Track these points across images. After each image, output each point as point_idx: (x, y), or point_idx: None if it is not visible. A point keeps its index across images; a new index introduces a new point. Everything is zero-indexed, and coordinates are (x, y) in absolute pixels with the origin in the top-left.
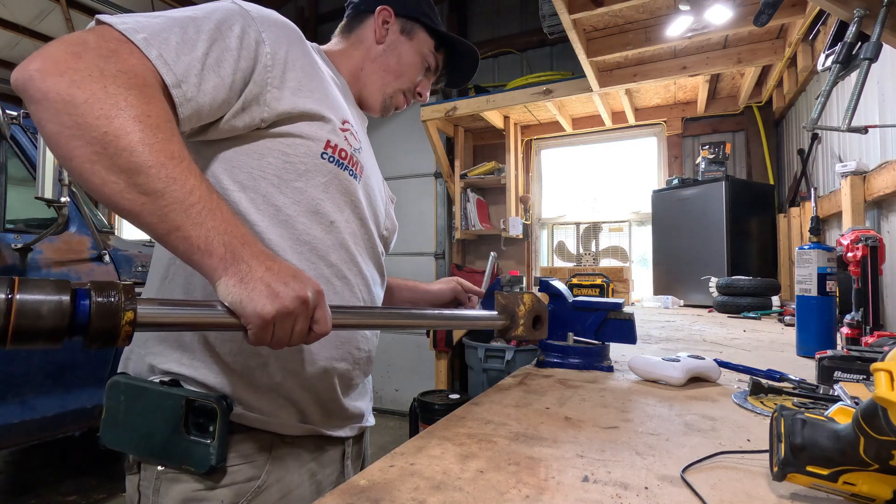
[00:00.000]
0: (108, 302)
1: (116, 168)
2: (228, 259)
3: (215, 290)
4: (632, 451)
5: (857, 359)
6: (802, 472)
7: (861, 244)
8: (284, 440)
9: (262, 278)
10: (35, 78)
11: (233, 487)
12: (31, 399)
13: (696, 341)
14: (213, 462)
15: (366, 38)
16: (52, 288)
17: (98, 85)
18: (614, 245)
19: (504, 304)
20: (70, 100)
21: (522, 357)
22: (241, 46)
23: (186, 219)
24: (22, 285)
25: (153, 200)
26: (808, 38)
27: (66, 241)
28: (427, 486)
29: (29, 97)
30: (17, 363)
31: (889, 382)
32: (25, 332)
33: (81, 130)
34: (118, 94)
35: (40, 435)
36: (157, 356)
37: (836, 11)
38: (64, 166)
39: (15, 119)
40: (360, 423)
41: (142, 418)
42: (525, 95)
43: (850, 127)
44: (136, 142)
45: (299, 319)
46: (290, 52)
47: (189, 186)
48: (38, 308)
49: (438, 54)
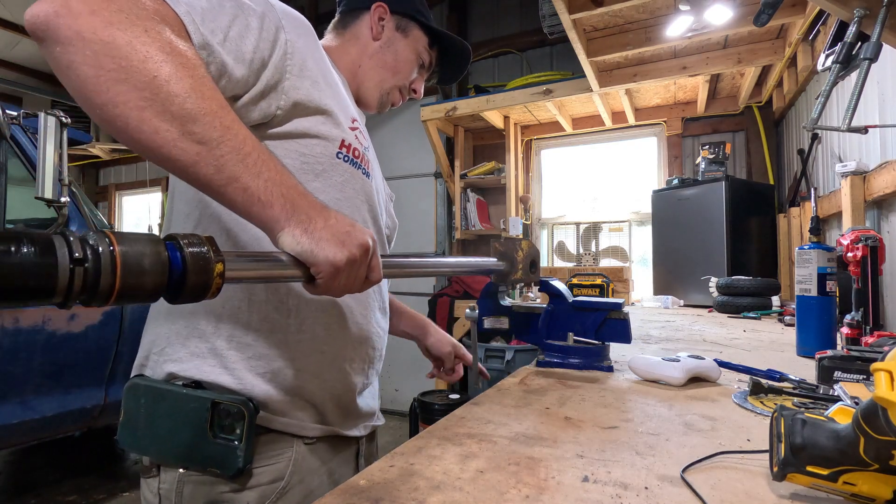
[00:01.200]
0: (200, 252)
1: (169, 115)
2: (289, 210)
3: (276, 240)
4: (632, 451)
5: (857, 359)
6: (802, 472)
7: (861, 244)
8: (305, 441)
9: (326, 227)
10: (63, 14)
11: (258, 489)
12: (31, 399)
13: (696, 341)
14: (241, 464)
15: (361, 34)
16: (147, 240)
17: (138, 27)
18: (614, 245)
19: (502, 250)
20: (111, 41)
21: (522, 357)
22: (261, 27)
23: (244, 169)
24: (119, 238)
25: (209, 150)
26: (808, 38)
27: None
28: (427, 486)
29: (54, 37)
30: (17, 363)
31: (889, 382)
32: (129, 290)
33: (127, 74)
34: (161, 39)
35: (40, 435)
36: (176, 363)
37: (836, 11)
38: (100, 112)
39: (15, 119)
40: (371, 423)
41: (164, 421)
42: (525, 95)
43: (850, 127)
44: (188, 88)
45: (362, 267)
46: (308, 45)
47: (242, 135)
48: (140, 262)
49: (432, 51)
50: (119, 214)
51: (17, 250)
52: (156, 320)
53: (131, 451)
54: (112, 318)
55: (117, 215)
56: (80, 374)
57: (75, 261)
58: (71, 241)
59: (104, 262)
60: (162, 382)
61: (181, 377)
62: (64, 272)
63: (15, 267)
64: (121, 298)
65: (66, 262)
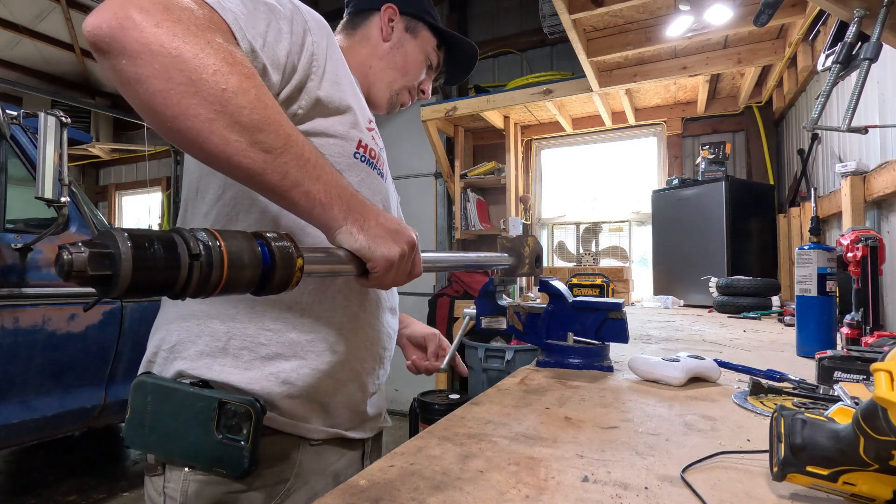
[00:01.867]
0: (285, 248)
1: (238, 126)
2: (345, 209)
3: (333, 238)
4: (632, 451)
5: (857, 359)
6: (802, 472)
7: (861, 244)
8: (311, 443)
9: (378, 225)
10: (128, 27)
11: (264, 490)
12: (31, 399)
13: (696, 341)
14: (247, 465)
15: (371, 35)
16: (243, 237)
17: (201, 39)
18: (614, 245)
19: (510, 246)
20: (178, 54)
21: (522, 357)
22: (291, 31)
23: (306, 174)
24: (223, 235)
25: (274, 158)
26: (809, 38)
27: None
28: (427, 486)
29: (120, 49)
30: (17, 363)
31: (889, 382)
32: (231, 283)
33: (196, 87)
34: (223, 50)
35: (40, 435)
36: (186, 361)
37: (836, 11)
38: (169, 125)
39: (15, 119)
40: (378, 424)
41: (171, 419)
42: (525, 95)
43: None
44: (253, 98)
45: (409, 261)
46: (329, 46)
47: (301, 141)
48: (241, 257)
49: (440, 52)
50: (119, 214)
51: (152, 248)
52: (167, 319)
53: (137, 448)
54: (112, 317)
55: (117, 215)
56: (80, 374)
57: (192, 256)
58: (188, 239)
59: (215, 257)
60: (169, 381)
61: (189, 375)
62: (185, 267)
63: (151, 263)
64: (222, 291)
65: (186, 258)
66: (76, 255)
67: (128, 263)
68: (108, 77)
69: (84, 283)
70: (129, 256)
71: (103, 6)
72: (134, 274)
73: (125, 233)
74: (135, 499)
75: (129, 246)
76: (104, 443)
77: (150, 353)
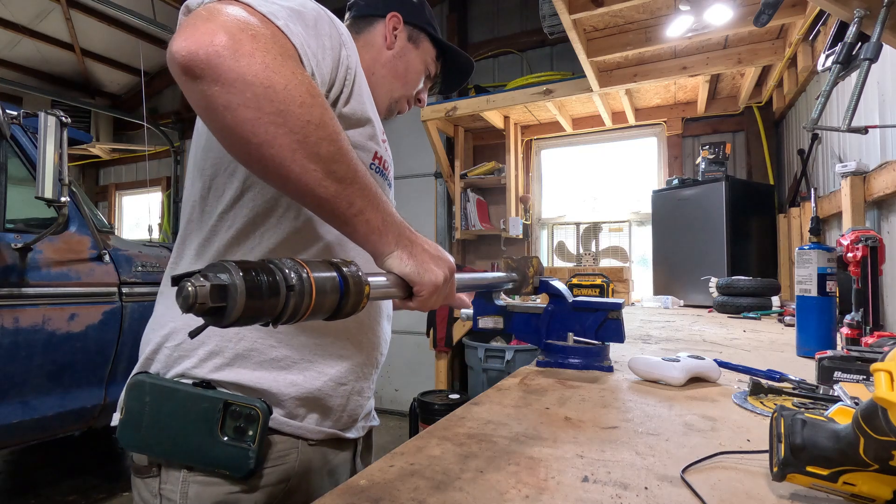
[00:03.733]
0: (355, 274)
1: (316, 157)
2: (397, 236)
3: (383, 263)
4: (632, 451)
5: (856, 359)
6: (802, 473)
7: (861, 244)
8: (309, 443)
9: (424, 252)
10: (225, 56)
11: (266, 490)
12: (31, 399)
13: (696, 341)
14: (252, 466)
15: (375, 42)
16: (323, 265)
17: (287, 69)
18: (614, 245)
19: (515, 266)
20: (270, 84)
21: (522, 357)
22: (331, 47)
23: (368, 203)
24: (309, 265)
25: (344, 188)
26: (809, 39)
27: (66, 241)
28: (427, 486)
29: (214, 76)
30: (17, 363)
31: (889, 383)
32: (315, 311)
33: (284, 118)
34: (306, 82)
35: (40, 435)
36: (191, 359)
37: (836, 12)
38: (253, 152)
39: (15, 119)
40: (368, 423)
41: (172, 420)
42: (525, 95)
43: (850, 127)
44: (331, 131)
45: (448, 286)
46: (356, 57)
47: (363, 171)
48: (325, 286)
49: (438, 63)
50: (119, 214)
51: (258, 280)
52: (171, 316)
53: (132, 450)
54: (112, 317)
55: (117, 215)
56: (80, 374)
57: (289, 287)
58: (282, 269)
59: (305, 286)
60: (169, 381)
61: (192, 376)
62: (283, 297)
63: (258, 294)
64: (307, 318)
65: (284, 289)
66: (199, 287)
67: (242, 297)
68: (191, 99)
69: (202, 314)
70: (243, 290)
71: (190, 30)
72: (245, 305)
73: (237, 266)
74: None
75: (242, 278)
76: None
77: (149, 350)
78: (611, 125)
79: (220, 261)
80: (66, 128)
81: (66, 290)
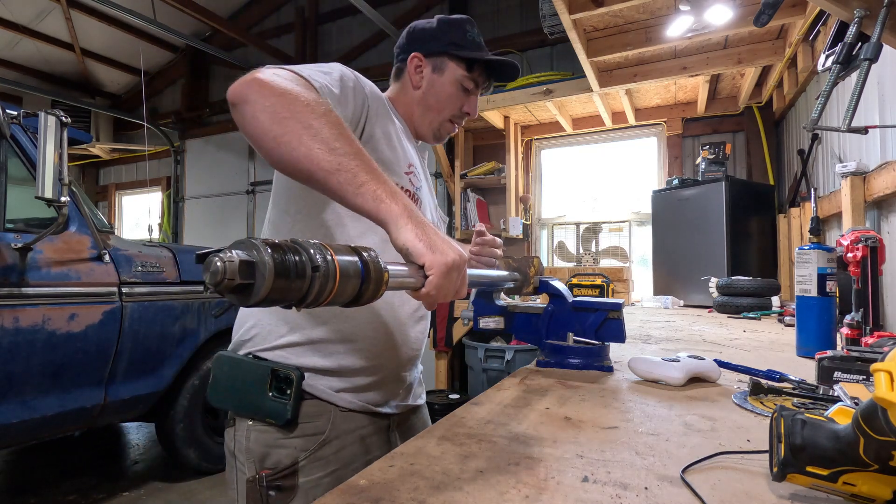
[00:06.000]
0: (375, 260)
1: (319, 138)
2: (409, 213)
3: (398, 235)
4: (632, 451)
5: (856, 359)
6: (802, 473)
7: (861, 245)
8: (341, 409)
9: (435, 234)
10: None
11: (303, 438)
12: (31, 399)
13: (696, 341)
14: (289, 416)
15: (408, 84)
16: (346, 249)
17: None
18: (614, 245)
19: (516, 266)
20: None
21: (522, 357)
22: (353, 96)
23: (372, 177)
24: (333, 249)
25: (348, 160)
26: (809, 39)
27: (66, 241)
28: (427, 486)
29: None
30: (17, 363)
31: (889, 383)
32: (337, 295)
33: (292, 113)
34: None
35: (40, 435)
36: (254, 343)
37: (836, 12)
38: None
39: (15, 119)
40: (406, 403)
41: (239, 383)
42: (525, 95)
43: (850, 127)
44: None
45: (460, 272)
46: (377, 109)
47: (368, 157)
48: (348, 270)
49: (475, 73)
50: (119, 214)
51: (285, 259)
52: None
53: (217, 406)
54: (112, 317)
55: (117, 215)
56: (80, 374)
57: (314, 268)
58: (308, 250)
59: (330, 269)
60: (238, 355)
61: (254, 353)
62: (308, 278)
63: (285, 274)
64: (329, 302)
65: (309, 270)
66: (228, 262)
67: (270, 275)
68: (238, 124)
69: (229, 291)
70: (272, 267)
71: (237, 81)
72: (273, 284)
73: (265, 243)
74: (134, 499)
75: (271, 255)
76: (104, 443)
77: (238, 338)
78: (611, 125)
79: (247, 238)
80: (66, 128)
81: (66, 290)
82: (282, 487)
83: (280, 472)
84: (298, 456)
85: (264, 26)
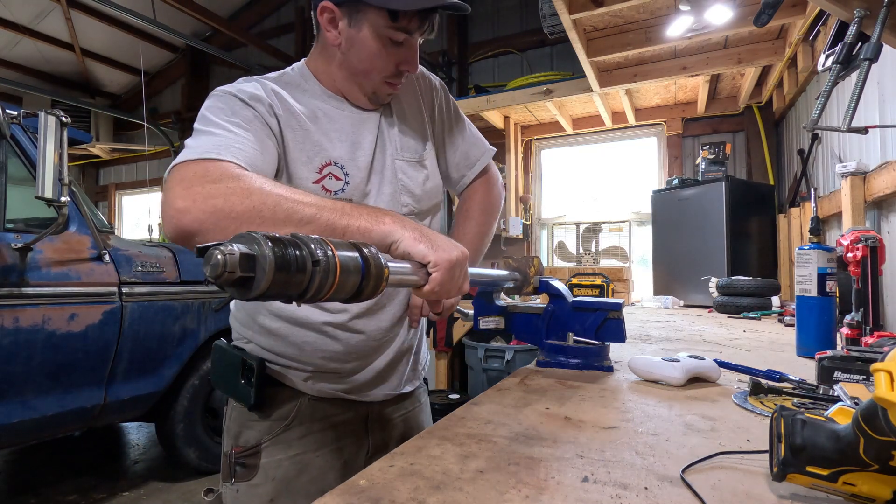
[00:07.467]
0: (375, 257)
1: (278, 223)
2: (400, 224)
3: (397, 247)
4: (632, 451)
5: (856, 359)
6: (802, 473)
7: (861, 244)
8: (309, 398)
9: (436, 235)
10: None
11: (268, 422)
12: (31, 399)
13: (696, 341)
14: (252, 401)
15: (328, 46)
16: (347, 245)
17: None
18: (614, 245)
19: (516, 266)
20: (214, 211)
21: (522, 357)
22: (265, 134)
23: (346, 217)
24: (334, 244)
25: (317, 224)
26: (809, 39)
27: (66, 241)
28: (427, 486)
29: (194, 241)
30: (17, 363)
31: (889, 383)
32: (337, 290)
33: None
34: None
35: (40, 435)
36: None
37: (836, 12)
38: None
39: (15, 119)
40: (383, 392)
41: (223, 369)
42: (525, 95)
43: (850, 127)
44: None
45: (462, 272)
46: (286, 119)
47: (323, 203)
48: (348, 265)
49: (403, 21)
50: (119, 214)
51: (285, 253)
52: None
53: (217, 388)
54: (112, 317)
55: (117, 215)
56: (80, 374)
57: (314, 263)
58: (308, 244)
59: (330, 264)
60: (226, 345)
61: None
62: (309, 273)
63: (286, 267)
64: (329, 297)
65: (309, 265)
66: (229, 255)
67: (271, 268)
68: None
69: (230, 284)
70: (272, 261)
71: (166, 204)
72: (273, 277)
73: (265, 236)
74: (134, 499)
75: (271, 249)
76: (104, 443)
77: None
78: (611, 125)
79: (248, 231)
80: (66, 128)
81: (65, 290)
82: (246, 465)
83: (247, 450)
84: (262, 438)
85: (264, 26)
